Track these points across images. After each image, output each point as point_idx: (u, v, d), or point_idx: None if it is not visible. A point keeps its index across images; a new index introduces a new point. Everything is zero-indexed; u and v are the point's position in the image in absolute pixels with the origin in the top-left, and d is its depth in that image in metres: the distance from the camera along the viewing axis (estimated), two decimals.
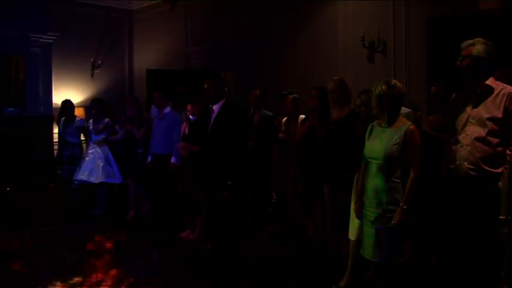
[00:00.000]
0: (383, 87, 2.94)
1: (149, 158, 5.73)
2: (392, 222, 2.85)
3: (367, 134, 3.12)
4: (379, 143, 2.98)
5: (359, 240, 3.42)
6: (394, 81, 3.02)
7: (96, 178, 6.21)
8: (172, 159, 5.37)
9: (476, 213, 2.80)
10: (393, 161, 2.92)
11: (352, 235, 3.59)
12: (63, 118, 7.03)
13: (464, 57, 2.84)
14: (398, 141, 2.90)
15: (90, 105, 6.71)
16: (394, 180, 2.92)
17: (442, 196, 3.16)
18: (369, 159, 3.04)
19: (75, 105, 7.40)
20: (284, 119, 5.22)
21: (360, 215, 3.13)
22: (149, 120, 6.07)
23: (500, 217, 2.59)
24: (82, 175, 6.26)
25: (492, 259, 2.70)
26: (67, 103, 6.93)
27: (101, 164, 6.26)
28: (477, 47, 2.83)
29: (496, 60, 2.91)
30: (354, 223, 3.56)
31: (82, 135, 6.93)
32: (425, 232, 3.96)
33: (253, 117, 5.35)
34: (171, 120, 5.59)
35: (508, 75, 3.78)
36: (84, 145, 7.10)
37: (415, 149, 2.90)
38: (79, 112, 8.33)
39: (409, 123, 3.01)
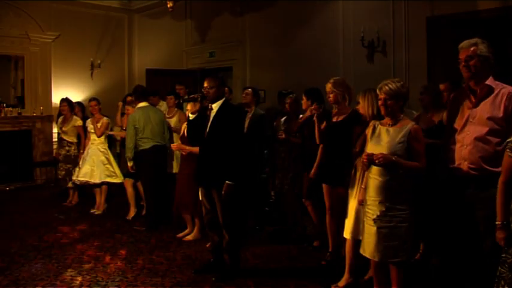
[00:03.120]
0: (397, 85, 2.95)
1: None
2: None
3: (369, 133, 3.13)
4: (383, 142, 2.99)
5: (356, 239, 3.43)
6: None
7: (98, 178, 6.21)
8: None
9: (478, 212, 2.80)
10: None
11: (347, 234, 3.59)
12: (60, 117, 7.03)
13: (471, 57, 2.83)
14: (402, 140, 2.92)
15: (88, 105, 6.72)
16: (397, 179, 2.93)
17: (442, 196, 3.16)
18: None
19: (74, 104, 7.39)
20: (283, 119, 5.23)
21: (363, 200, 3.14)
22: None
23: (497, 223, 2.58)
24: (83, 175, 6.26)
25: (492, 259, 2.69)
26: (63, 102, 6.93)
27: (102, 164, 6.26)
28: (480, 46, 2.83)
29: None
30: (349, 222, 3.56)
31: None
32: (426, 232, 3.96)
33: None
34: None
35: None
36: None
37: (419, 146, 2.94)
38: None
39: (413, 122, 3.03)
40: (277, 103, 6.16)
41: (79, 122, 6.82)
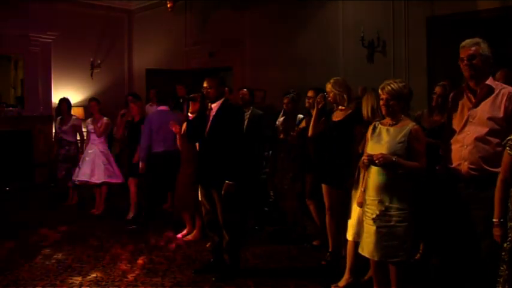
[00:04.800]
0: (399, 85, 2.96)
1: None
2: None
3: (369, 133, 3.13)
4: (383, 141, 2.99)
5: (357, 241, 3.43)
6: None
7: (98, 178, 6.21)
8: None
9: (477, 212, 2.80)
10: None
11: (349, 235, 3.59)
12: (59, 117, 7.05)
13: (474, 56, 2.83)
14: (403, 139, 2.93)
15: (88, 105, 6.75)
16: (397, 178, 2.93)
17: (442, 196, 3.16)
18: None
19: (74, 104, 7.41)
20: (281, 119, 5.22)
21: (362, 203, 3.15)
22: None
23: (494, 220, 2.60)
24: (83, 176, 6.26)
25: (492, 259, 2.70)
26: (62, 101, 6.95)
27: (102, 164, 6.25)
28: (482, 46, 2.83)
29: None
30: (352, 224, 3.56)
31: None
32: (426, 232, 3.96)
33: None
34: None
35: (508, 77, 3.79)
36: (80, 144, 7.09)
37: (420, 146, 2.94)
38: (79, 112, 8.33)
39: (413, 122, 3.03)
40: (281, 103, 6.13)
41: (78, 122, 6.82)
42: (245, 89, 5.54)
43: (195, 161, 4.32)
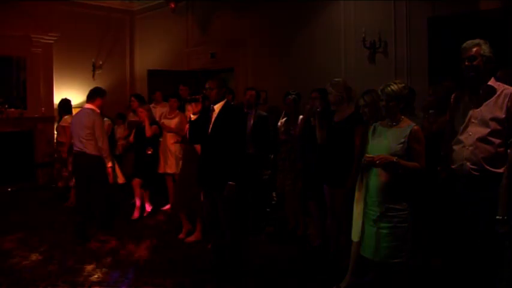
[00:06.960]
0: (399, 86, 2.96)
1: None
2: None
3: (370, 133, 3.13)
4: (383, 142, 3.00)
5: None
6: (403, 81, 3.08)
7: None
8: None
9: (479, 213, 2.80)
10: None
11: (355, 236, 3.58)
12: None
13: (474, 57, 2.83)
14: (403, 140, 2.93)
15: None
16: (398, 179, 2.92)
17: (443, 196, 3.15)
18: None
19: (75, 105, 7.42)
20: (283, 120, 5.22)
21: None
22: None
23: (497, 217, 2.60)
24: None
25: (493, 259, 2.69)
26: (61, 102, 6.97)
27: None
28: (483, 47, 2.83)
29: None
30: (357, 224, 3.55)
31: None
32: (427, 233, 3.95)
33: (249, 117, 5.34)
34: None
35: (510, 76, 3.78)
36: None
37: (420, 147, 2.94)
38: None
39: (413, 123, 3.03)
40: (283, 104, 6.14)
41: (65, 122, 6.82)
42: (253, 90, 5.53)
43: (196, 161, 4.31)
